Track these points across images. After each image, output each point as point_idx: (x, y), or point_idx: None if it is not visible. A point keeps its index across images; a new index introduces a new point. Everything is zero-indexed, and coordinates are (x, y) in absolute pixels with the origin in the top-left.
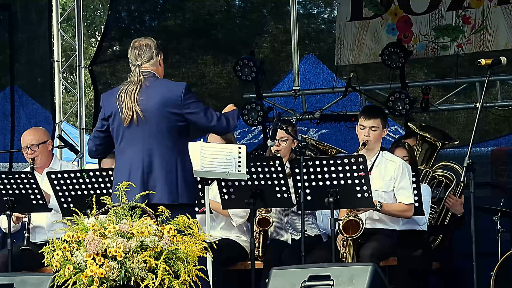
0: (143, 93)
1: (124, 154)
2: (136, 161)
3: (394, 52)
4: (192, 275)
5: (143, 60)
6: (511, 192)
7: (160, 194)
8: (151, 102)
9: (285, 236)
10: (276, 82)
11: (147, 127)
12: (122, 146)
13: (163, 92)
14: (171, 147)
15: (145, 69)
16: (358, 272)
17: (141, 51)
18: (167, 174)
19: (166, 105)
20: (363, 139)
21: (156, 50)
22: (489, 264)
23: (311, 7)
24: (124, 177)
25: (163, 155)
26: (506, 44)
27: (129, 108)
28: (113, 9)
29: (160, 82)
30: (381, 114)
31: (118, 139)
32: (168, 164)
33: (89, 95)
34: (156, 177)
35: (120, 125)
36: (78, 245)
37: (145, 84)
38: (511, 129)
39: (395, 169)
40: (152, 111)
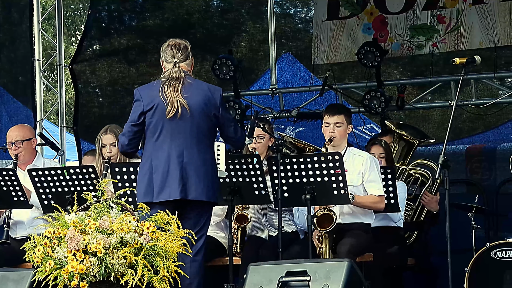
0: (187, 90)
1: (162, 148)
2: (175, 155)
3: (370, 51)
4: (171, 271)
5: (180, 58)
6: (486, 189)
7: (199, 191)
8: (194, 99)
9: (262, 232)
10: (253, 81)
11: (189, 123)
12: (161, 140)
13: (206, 92)
14: (209, 146)
15: (182, 68)
16: (335, 268)
17: (179, 50)
18: (206, 172)
19: (208, 104)
20: (328, 135)
21: (190, 52)
22: (464, 260)
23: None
24: (162, 171)
25: (202, 153)
26: (480, 43)
27: (174, 101)
28: (93, 8)
29: (199, 82)
30: (345, 111)
31: (157, 132)
32: (206, 162)
33: (69, 94)
34: (195, 174)
35: (160, 118)
36: (59, 241)
37: (186, 81)
38: (485, 127)
39: (362, 163)
40: (195, 108)
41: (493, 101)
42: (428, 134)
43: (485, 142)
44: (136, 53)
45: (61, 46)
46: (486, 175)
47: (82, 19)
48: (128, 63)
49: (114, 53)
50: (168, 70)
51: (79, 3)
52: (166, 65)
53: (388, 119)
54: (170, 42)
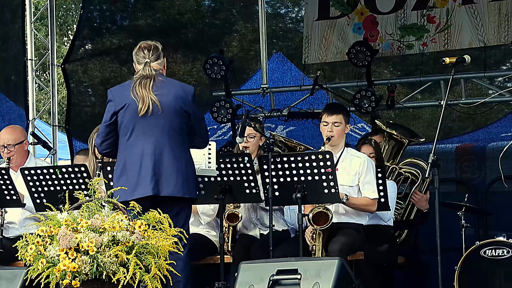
0: (158, 88)
1: (135, 146)
2: (148, 153)
3: (360, 50)
4: (163, 269)
5: (151, 58)
6: (475, 188)
7: (172, 187)
8: (166, 97)
9: (253, 231)
10: (244, 80)
11: (161, 121)
12: (133, 138)
13: (177, 89)
14: (181, 143)
15: (154, 67)
16: (325, 266)
17: (149, 50)
18: (178, 168)
19: (180, 102)
20: (326, 134)
21: (162, 52)
22: (454, 259)
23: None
24: (134, 169)
25: (174, 150)
26: (470, 43)
27: (145, 99)
28: (85, 8)
29: (171, 80)
30: (343, 110)
31: (129, 131)
32: (178, 159)
33: (61, 93)
34: (168, 170)
35: (132, 117)
36: (51, 240)
37: (158, 79)
38: (475, 126)
39: (359, 164)
40: (167, 105)
41: (482, 100)
42: (418, 133)
43: (475, 141)
44: (128, 52)
45: (53, 46)
46: (475, 174)
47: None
48: (120, 62)
49: (106, 52)
50: (140, 70)
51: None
52: (138, 66)
53: (378, 118)
54: (141, 44)
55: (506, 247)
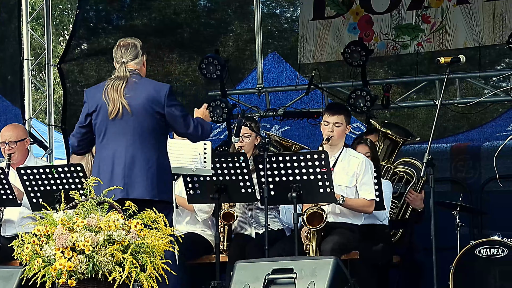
0: (129, 90)
1: (107, 149)
2: (119, 156)
3: (356, 50)
4: (158, 268)
5: (128, 58)
6: (470, 187)
7: (141, 189)
8: (137, 99)
9: (249, 230)
10: (240, 80)
11: (131, 123)
12: (105, 141)
13: (149, 90)
14: (153, 144)
15: (130, 67)
16: (321, 265)
17: (127, 49)
18: (148, 170)
19: (151, 103)
20: (327, 134)
21: (141, 50)
22: (448, 258)
23: (275, 7)
24: (107, 171)
25: (145, 152)
26: (465, 42)
27: (116, 102)
28: (81, 8)
29: (145, 81)
30: (345, 111)
31: (101, 133)
32: (149, 161)
33: (57, 93)
34: (137, 173)
35: (104, 119)
36: (47, 239)
37: (131, 80)
38: (469, 126)
39: (358, 165)
40: (138, 107)
41: (477, 100)
42: (413, 132)
43: (470, 140)
44: None
45: (49, 46)
46: (470, 174)
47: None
48: None
49: (101, 52)
50: (116, 70)
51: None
52: (116, 65)
53: (374, 118)
54: (120, 42)
55: (500, 246)
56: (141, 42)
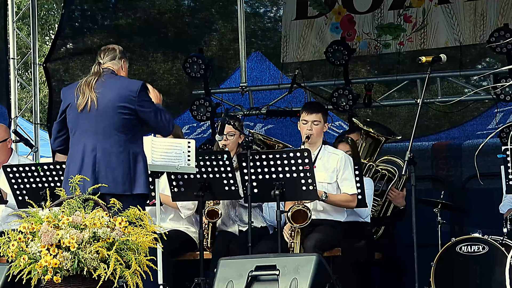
0: (100, 86)
1: (77, 145)
2: (88, 152)
3: (338, 50)
4: (143, 265)
5: (105, 59)
6: (451, 185)
7: (111, 184)
8: (107, 95)
9: (232, 227)
10: (224, 79)
11: (101, 119)
12: (76, 136)
13: (119, 88)
14: (124, 139)
15: (106, 66)
16: (303, 262)
17: (105, 52)
18: (118, 165)
19: (120, 100)
20: (306, 133)
21: (120, 54)
22: (430, 255)
23: (258, 6)
24: (76, 167)
25: (116, 147)
26: (446, 42)
27: (85, 95)
28: (67, 8)
29: (117, 78)
30: (322, 109)
31: (73, 129)
32: (119, 156)
33: (43, 92)
34: (107, 168)
35: (75, 115)
36: (33, 236)
37: (102, 78)
38: (450, 124)
39: (337, 161)
40: (107, 104)
41: (458, 98)
42: (395, 131)
43: (451, 139)
44: None
45: (35, 45)
46: (451, 172)
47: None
48: None
49: (87, 52)
50: None
51: (52, 3)
52: None
53: (356, 117)
54: (102, 47)
55: (481, 243)
56: (122, 49)
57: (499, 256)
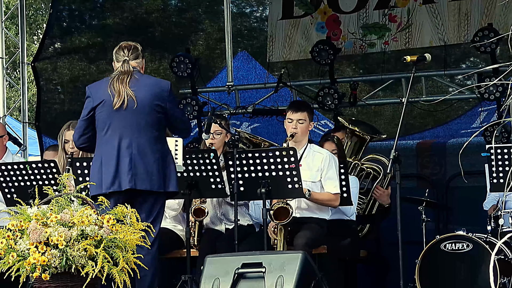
0: (134, 84)
1: (111, 141)
2: (124, 147)
3: (324, 49)
4: (130, 262)
5: (130, 57)
6: (436, 183)
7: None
8: (142, 93)
9: (219, 225)
10: (210, 78)
11: (136, 116)
12: (110, 133)
13: (152, 85)
14: (157, 137)
15: (132, 65)
16: (289, 260)
17: (129, 50)
18: (155, 162)
19: (155, 97)
20: (291, 131)
21: (141, 53)
22: (414, 252)
23: (244, 6)
24: (112, 164)
25: (151, 144)
26: (430, 41)
27: (122, 93)
28: (55, 8)
29: (148, 77)
30: (308, 108)
31: (106, 126)
32: (155, 153)
33: (31, 90)
34: (144, 164)
35: (109, 112)
36: (21, 234)
37: (134, 76)
38: (435, 123)
39: (322, 160)
40: (142, 100)
41: (443, 97)
42: (380, 129)
43: (435, 137)
44: (96, 51)
45: (23, 44)
46: (436, 170)
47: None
48: (89, 61)
49: (75, 51)
50: (118, 67)
51: (41, 2)
52: (117, 64)
53: (341, 115)
54: (122, 44)
55: (465, 241)
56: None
57: (483, 254)
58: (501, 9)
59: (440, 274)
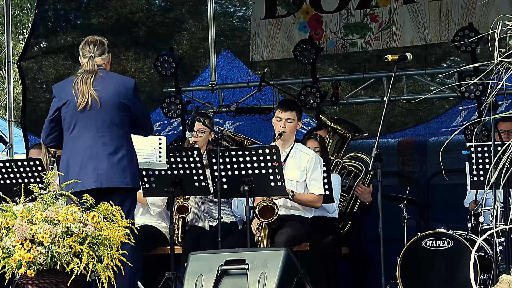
0: (98, 83)
1: (77, 141)
2: (89, 148)
3: (306, 48)
4: (115, 259)
5: (96, 53)
6: (417, 181)
7: (113, 179)
8: (105, 92)
9: (202, 222)
10: (194, 77)
11: (100, 115)
12: (75, 133)
13: (116, 84)
14: (121, 135)
15: (97, 62)
16: (272, 257)
17: (95, 45)
18: (119, 160)
19: (119, 96)
20: (279, 130)
21: (107, 48)
22: (396, 249)
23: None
24: (77, 163)
25: (115, 142)
26: (411, 41)
27: (85, 94)
28: (40, 8)
29: (112, 75)
30: (297, 108)
31: (71, 126)
32: (119, 151)
33: (17, 89)
34: (108, 163)
35: (73, 113)
36: (7, 231)
37: (98, 74)
38: (416, 122)
39: (308, 160)
40: (106, 100)
41: (424, 96)
42: (362, 128)
43: (416, 136)
44: None
45: (9, 44)
46: (417, 168)
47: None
48: (74, 60)
49: (60, 50)
50: (84, 64)
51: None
52: (83, 60)
53: (323, 114)
54: (88, 38)
55: (446, 238)
56: (108, 41)
57: (464, 251)
58: (481, 9)
59: (421, 271)
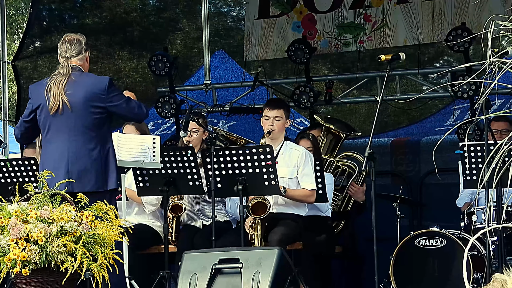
0: (70, 87)
1: (51, 145)
2: (61, 151)
3: (299, 48)
4: (109, 258)
5: (72, 53)
6: (410, 180)
7: (85, 183)
8: (76, 96)
9: (196, 222)
10: (188, 77)
11: (72, 119)
12: (49, 136)
13: (88, 87)
14: (95, 137)
15: (73, 63)
16: (266, 255)
17: (71, 45)
18: (92, 163)
19: (90, 99)
20: (267, 128)
21: (85, 46)
22: (389, 248)
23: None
24: (49, 167)
25: (87, 145)
26: (404, 40)
27: (56, 98)
28: (35, 7)
29: (85, 77)
30: (284, 106)
31: (45, 129)
32: (91, 155)
33: (12, 89)
34: (80, 167)
35: (47, 116)
36: (1, 230)
37: (71, 78)
38: (409, 121)
39: (298, 157)
40: (77, 104)
41: (417, 96)
42: (355, 127)
43: (409, 135)
44: None
45: (4, 44)
46: (410, 167)
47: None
48: None
49: (54, 50)
50: (59, 65)
51: (21, 2)
52: (60, 60)
53: (317, 113)
54: (65, 37)
55: (439, 237)
56: (86, 38)
57: (457, 250)
58: (474, 9)
59: (414, 269)
